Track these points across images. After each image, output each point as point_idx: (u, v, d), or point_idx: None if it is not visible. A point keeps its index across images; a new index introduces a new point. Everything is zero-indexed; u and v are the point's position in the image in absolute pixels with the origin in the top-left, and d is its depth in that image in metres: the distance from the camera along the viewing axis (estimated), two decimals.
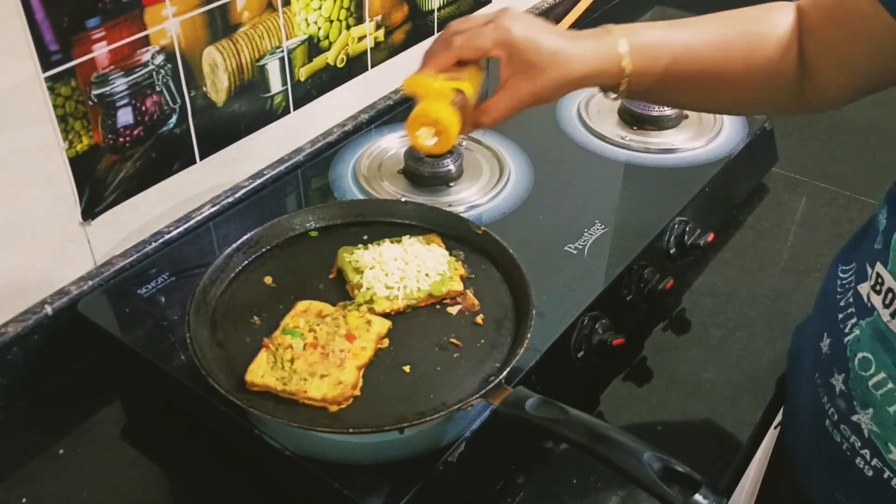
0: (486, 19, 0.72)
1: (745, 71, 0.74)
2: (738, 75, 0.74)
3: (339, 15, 1.08)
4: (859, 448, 0.68)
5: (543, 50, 0.71)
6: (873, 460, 0.67)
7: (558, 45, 0.71)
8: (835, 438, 0.71)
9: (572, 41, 0.72)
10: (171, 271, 0.89)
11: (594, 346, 0.85)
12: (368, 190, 1.02)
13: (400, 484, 0.69)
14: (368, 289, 0.79)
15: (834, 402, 0.71)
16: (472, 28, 0.72)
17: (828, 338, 0.72)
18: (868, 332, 0.67)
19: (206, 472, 0.80)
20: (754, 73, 0.74)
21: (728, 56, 0.74)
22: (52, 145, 0.81)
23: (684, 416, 0.86)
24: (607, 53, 0.73)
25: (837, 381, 0.70)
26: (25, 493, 0.77)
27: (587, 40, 0.73)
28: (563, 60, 0.71)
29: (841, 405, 0.70)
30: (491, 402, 0.70)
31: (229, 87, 0.97)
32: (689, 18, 0.77)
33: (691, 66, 0.74)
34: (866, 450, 0.68)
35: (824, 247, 1.08)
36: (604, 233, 0.94)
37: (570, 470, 0.81)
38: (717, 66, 0.74)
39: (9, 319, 0.84)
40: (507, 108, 0.73)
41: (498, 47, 0.71)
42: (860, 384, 0.67)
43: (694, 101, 0.81)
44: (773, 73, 0.74)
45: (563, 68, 0.71)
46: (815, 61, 0.73)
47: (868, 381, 0.66)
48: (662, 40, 0.74)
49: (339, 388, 0.70)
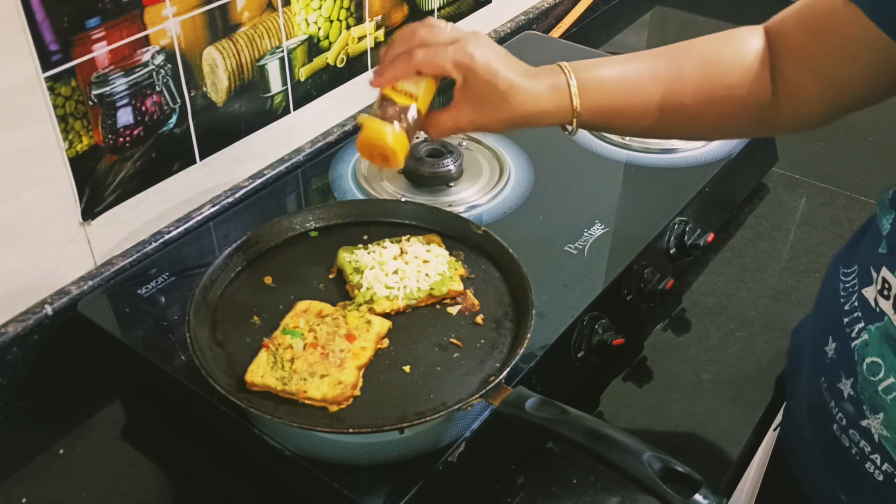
0: (452, 38, 0.73)
1: (702, 103, 0.74)
2: (695, 107, 0.75)
3: (339, 15, 1.08)
4: (869, 453, 0.68)
5: (498, 84, 0.72)
6: (884, 465, 0.67)
7: (513, 82, 0.72)
8: (842, 443, 0.70)
9: (527, 79, 0.73)
10: (171, 271, 0.89)
11: (594, 346, 0.86)
12: (368, 190, 1.02)
13: (400, 484, 0.69)
14: (368, 289, 0.79)
15: (841, 407, 0.70)
16: (436, 45, 0.72)
17: (833, 342, 0.72)
18: (877, 337, 0.66)
19: (206, 472, 0.80)
20: (714, 104, 0.74)
21: (681, 90, 0.74)
22: (52, 145, 0.81)
23: (684, 416, 0.86)
24: (557, 92, 0.74)
25: (845, 385, 0.69)
26: (25, 493, 0.77)
27: (541, 79, 0.74)
28: (514, 97, 0.72)
29: (849, 410, 0.69)
30: (491, 402, 0.70)
31: (229, 87, 0.97)
32: (643, 52, 0.77)
33: (644, 101, 0.75)
34: (876, 454, 0.67)
35: (824, 247, 1.08)
36: (604, 233, 0.94)
37: (570, 470, 0.81)
38: (670, 100, 0.74)
39: (9, 319, 0.84)
40: (452, 129, 0.76)
41: (456, 70, 0.72)
42: (869, 389, 0.67)
43: (656, 132, 0.80)
44: (738, 101, 0.74)
45: (512, 106, 0.73)
46: (791, 81, 0.72)
47: (877, 385, 0.66)
48: (613, 77, 0.75)
49: (339, 388, 0.70)
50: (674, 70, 0.75)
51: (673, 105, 0.75)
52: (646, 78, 0.75)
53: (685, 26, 1.61)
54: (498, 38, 1.40)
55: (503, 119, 0.74)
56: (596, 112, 0.75)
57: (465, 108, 0.74)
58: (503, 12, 1.42)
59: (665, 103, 0.75)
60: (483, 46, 0.72)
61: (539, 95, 0.73)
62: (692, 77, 0.74)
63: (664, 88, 0.74)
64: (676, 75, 0.75)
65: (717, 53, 0.75)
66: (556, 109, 0.74)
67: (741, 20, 1.73)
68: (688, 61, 0.75)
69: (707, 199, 1.04)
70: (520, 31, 1.43)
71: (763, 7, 0.74)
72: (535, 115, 0.74)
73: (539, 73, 0.74)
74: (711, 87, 0.74)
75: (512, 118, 0.74)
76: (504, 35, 1.41)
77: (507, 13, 1.44)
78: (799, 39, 0.71)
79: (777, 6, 0.75)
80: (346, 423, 0.69)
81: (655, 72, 0.75)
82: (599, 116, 0.75)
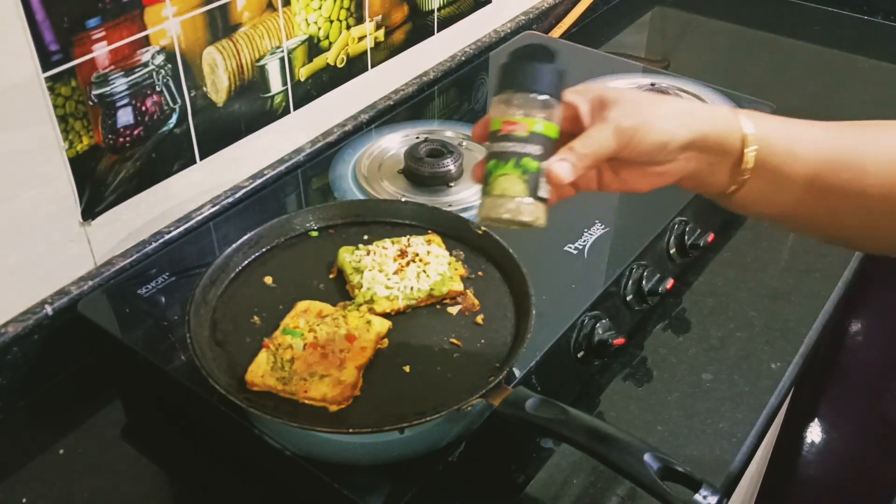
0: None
1: (883, 198, 0.60)
2: (877, 203, 0.60)
3: (339, 15, 1.08)
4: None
5: (652, 99, 0.62)
6: None
7: (668, 98, 0.63)
8: None
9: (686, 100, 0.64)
10: (171, 271, 0.89)
11: (594, 346, 0.85)
12: (368, 190, 1.02)
13: (400, 484, 0.69)
14: (368, 289, 0.79)
15: None
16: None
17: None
18: None
19: (206, 472, 0.80)
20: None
21: (863, 174, 0.60)
22: (52, 145, 0.81)
23: (684, 416, 0.86)
24: (725, 116, 0.62)
25: None
26: (25, 493, 0.77)
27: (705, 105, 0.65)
28: (675, 107, 0.62)
29: None
30: (491, 402, 0.70)
31: (229, 87, 0.97)
32: (816, 122, 0.63)
33: (817, 172, 0.60)
34: None
35: (824, 247, 1.08)
36: (604, 233, 0.94)
37: (570, 470, 0.81)
38: (849, 185, 0.60)
39: (9, 319, 0.84)
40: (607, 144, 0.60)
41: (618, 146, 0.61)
42: None
43: (820, 225, 0.65)
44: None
45: (673, 113, 0.61)
46: None
47: None
48: (787, 127, 0.62)
49: (339, 388, 0.70)
50: (859, 147, 0.61)
51: (853, 190, 0.60)
52: (824, 143, 0.61)
53: (685, 26, 1.61)
54: (498, 38, 1.40)
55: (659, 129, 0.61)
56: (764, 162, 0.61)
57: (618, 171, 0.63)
58: (503, 12, 1.42)
59: (843, 185, 0.60)
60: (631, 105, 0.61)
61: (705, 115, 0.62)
62: (883, 161, 0.60)
63: (846, 166, 0.60)
64: (863, 154, 0.61)
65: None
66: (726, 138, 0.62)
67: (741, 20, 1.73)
68: (874, 142, 0.61)
69: (707, 199, 1.04)
70: (520, 31, 1.43)
71: (763, 7, 0.74)
72: (700, 137, 0.61)
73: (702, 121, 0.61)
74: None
75: (668, 132, 0.61)
76: (504, 35, 1.41)
77: (507, 13, 1.44)
78: None
79: (777, 7, 0.74)
80: (346, 423, 0.69)
81: (839, 139, 0.61)
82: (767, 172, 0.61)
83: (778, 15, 1.63)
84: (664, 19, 1.66)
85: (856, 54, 1.52)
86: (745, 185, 0.63)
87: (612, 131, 0.60)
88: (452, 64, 1.31)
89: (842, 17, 1.64)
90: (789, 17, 1.63)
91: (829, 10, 1.65)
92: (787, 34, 1.55)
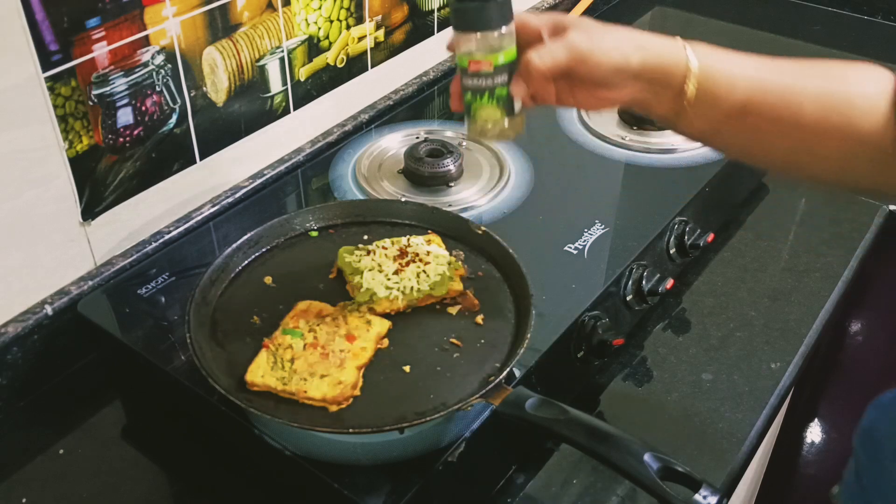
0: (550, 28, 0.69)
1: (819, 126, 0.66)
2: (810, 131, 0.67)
3: (339, 15, 1.08)
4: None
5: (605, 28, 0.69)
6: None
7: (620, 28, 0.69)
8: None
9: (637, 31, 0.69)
10: (171, 271, 0.89)
11: (594, 346, 0.85)
12: (368, 190, 1.02)
13: (400, 484, 0.69)
14: (368, 289, 0.79)
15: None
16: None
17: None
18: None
19: (206, 472, 0.80)
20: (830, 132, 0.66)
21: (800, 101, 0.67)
22: (52, 145, 0.81)
23: (684, 416, 0.86)
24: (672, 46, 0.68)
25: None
26: (25, 493, 0.77)
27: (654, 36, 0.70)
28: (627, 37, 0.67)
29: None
30: (491, 402, 0.70)
31: (229, 87, 0.97)
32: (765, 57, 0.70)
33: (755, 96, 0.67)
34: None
35: (824, 247, 1.08)
36: (604, 233, 0.94)
37: (570, 470, 0.81)
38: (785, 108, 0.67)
39: (9, 319, 0.84)
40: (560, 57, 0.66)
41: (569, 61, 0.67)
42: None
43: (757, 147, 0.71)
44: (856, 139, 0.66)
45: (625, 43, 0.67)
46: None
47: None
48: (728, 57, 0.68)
49: (339, 388, 0.70)
50: (797, 76, 0.68)
51: (788, 113, 0.67)
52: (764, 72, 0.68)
53: (685, 26, 1.61)
54: None
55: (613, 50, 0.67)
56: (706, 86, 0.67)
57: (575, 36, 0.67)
58: None
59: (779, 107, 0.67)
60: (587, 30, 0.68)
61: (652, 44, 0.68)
62: (815, 91, 0.67)
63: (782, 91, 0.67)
64: (799, 83, 0.67)
65: (845, 78, 0.68)
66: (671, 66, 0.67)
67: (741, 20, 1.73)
68: (812, 72, 0.68)
69: (707, 199, 1.04)
70: None
71: (763, 7, 0.73)
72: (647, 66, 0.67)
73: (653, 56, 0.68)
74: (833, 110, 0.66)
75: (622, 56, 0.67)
76: None
77: None
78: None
79: (777, 7, 0.74)
80: (346, 423, 0.69)
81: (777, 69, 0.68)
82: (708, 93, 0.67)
83: (778, 15, 1.63)
84: (664, 19, 1.66)
85: (856, 54, 1.52)
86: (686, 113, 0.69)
87: (566, 48, 0.67)
88: (453, 64, 1.32)
89: (842, 17, 1.64)
90: (789, 17, 1.63)
91: (829, 10, 1.65)
92: (787, 34, 1.55)
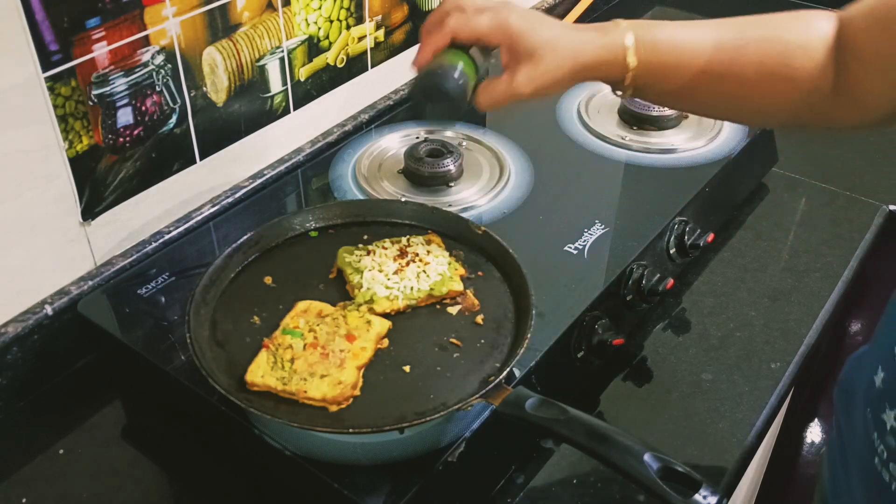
0: (484, 7, 0.71)
1: (761, 78, 0.71)
2: (753, 82, 0.71)
3: (339, 15, 1.08)
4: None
5: (541, 35, 0.70)
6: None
7: (557, 34, 0.71)
8: (882, 477, 0.67)
9: (573, 31, 0.72)
10: (171, 271, 0.89)
11: (594, 346, 0.86)
12: (368, 190, 1.02)
13: (400, 484, 0.69)
14: (368, 289, 0.79)
15: (884, 440, 0.67)
16: (469, 11, 0.71)
17: (882, 371, 0.69)
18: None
19: (206, 472, 0.80)
20: (772, 82, 0.71)
21: (743, 60, 0.71)
22: (52, 145, 0.81)
23: (684, 416, 0.86)
24: (612, 45, 0.71)
25: (889, 417, 0.67)
26: (25, 493, 0.77)
27: (590, 31, 0.72)
28: (563, 48, 0.70)
29: (891, 443, 0.66)
30: (491, 402, 0.70)
31: (229, 87, 0.97)
32: (709, 20, 0.74)
33: (702, 65, 0.71)
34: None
35: (824, 247, 1.08)
36: (604, 233, 0.94)
37: (570, 470, 0.81)
38: (729, 69, 0.71)
39: (9, 319, 0.84)
40: (505, 94, 0.72)
41: (495, 32, 0.70)
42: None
43: (707, 105, 0.77)
44: (797, 84, 0.70)
45: (563, 55, 0.70)
46: (856, 76, 0.68)
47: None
48: (672, 38, 0.72)
49: (339, 388, 0.70)
50: (738, 40, 0.71)
51: (731, 75, 0.71)
52: (708, 43, 0.71)
53: None
54: None
55: (555, 68, 0.70)
56: (652, 71, 0.71)
57: (515, 67, 0.71)
58: None
59: (724, 72, 0.71)
60: (518, 10, 0.71)
61: (588, 47, 0.71)
62: (755, 50, 0.71)
63: (725, 57, 0.71)
64: (741, 45, 0.71)
65: (785, 30, 0.72)
66: (610, 62, 0.71)
67: None
68: (753, 33, 0.72)
69: (707, 199, 1.04)
70: None
71: (763, 7, 0.74)
72: (588, 67, 0.71)
73: (589, 27, 0.72)
74: (773, 63, 0.70)
75: (562, 68, 0.71)
76: None
77: None
78: (869, 36, 0.67)
79: (778, 6, 0.75)
80: (346, 423, 0.69)
81: (719, 39, 0.71)
82: (653, 76, 0.72)
83: None
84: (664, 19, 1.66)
85: None
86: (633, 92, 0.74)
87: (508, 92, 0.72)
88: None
89: None
90: None
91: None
92: None
